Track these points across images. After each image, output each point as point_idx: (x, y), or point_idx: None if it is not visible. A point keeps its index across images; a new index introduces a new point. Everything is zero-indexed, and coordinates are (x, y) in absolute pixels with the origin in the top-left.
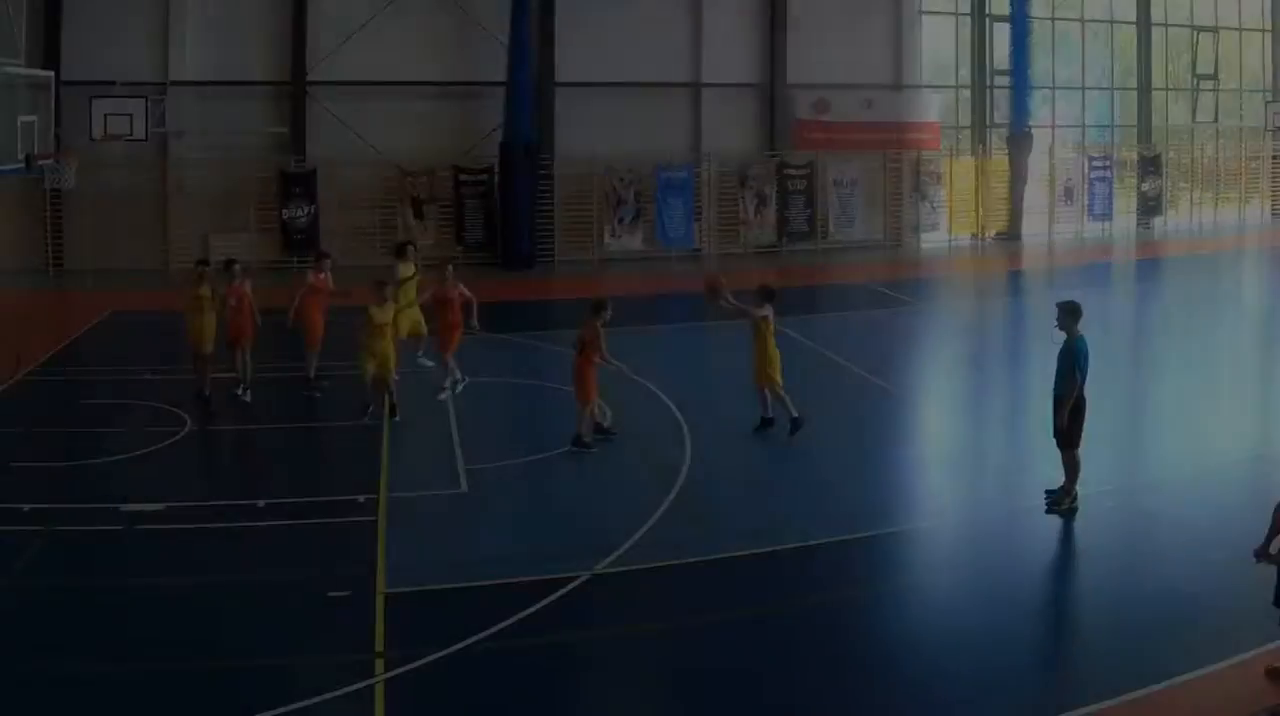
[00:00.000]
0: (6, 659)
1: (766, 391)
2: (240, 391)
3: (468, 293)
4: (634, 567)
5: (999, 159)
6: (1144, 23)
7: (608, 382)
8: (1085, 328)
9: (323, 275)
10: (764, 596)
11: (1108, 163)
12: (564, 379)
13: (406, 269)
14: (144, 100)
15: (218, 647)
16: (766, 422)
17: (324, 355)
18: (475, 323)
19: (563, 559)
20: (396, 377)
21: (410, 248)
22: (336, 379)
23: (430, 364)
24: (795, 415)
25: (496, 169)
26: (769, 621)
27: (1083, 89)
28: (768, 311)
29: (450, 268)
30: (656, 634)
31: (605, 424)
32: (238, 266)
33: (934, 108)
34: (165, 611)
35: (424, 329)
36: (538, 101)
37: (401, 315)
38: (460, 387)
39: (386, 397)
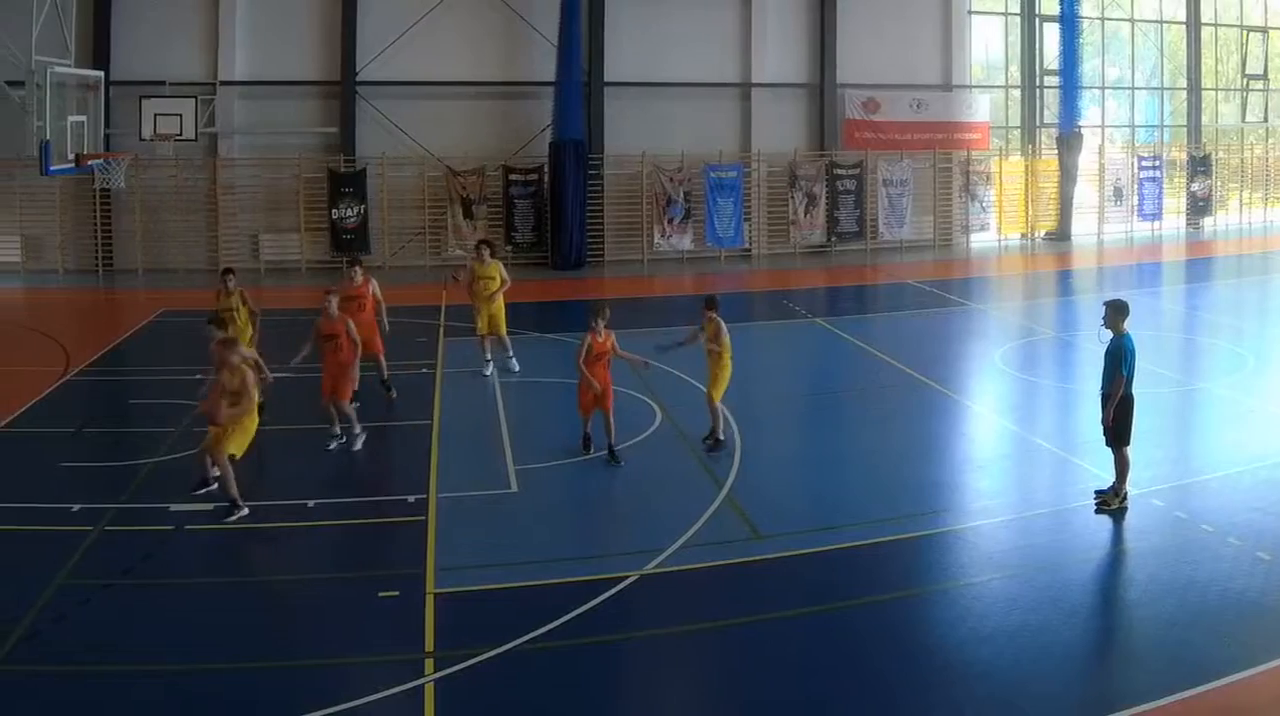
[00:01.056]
0: (58, 657)
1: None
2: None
3: (355, 333)
4: (684, 568)
5: (1048, 159)
6: (1194, 22)
7: (658, 382)
8: (1134, 326)
9: (357, 282)
10: (813, 596)
11: (1157, 163)
12: (614, 379)
13: (483, 268)
14: (193, 100)
15: (267, 647)
16: (717, 442)
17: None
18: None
19: (612, 559)
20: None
21: (485, 246)
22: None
23: (517, 368)
24: (721, 438)
25: (546, 169)
26: (818, 621)
27: (1132, 89)
28: (722, 331)
29: (331, 298)
30: (706, 634)
31: (587, 430)
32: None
33: (983, 108)
34: (215, 611)
35: (503, 329)
36: (587, 101)
37: (480, 312)
38: (360, 442)
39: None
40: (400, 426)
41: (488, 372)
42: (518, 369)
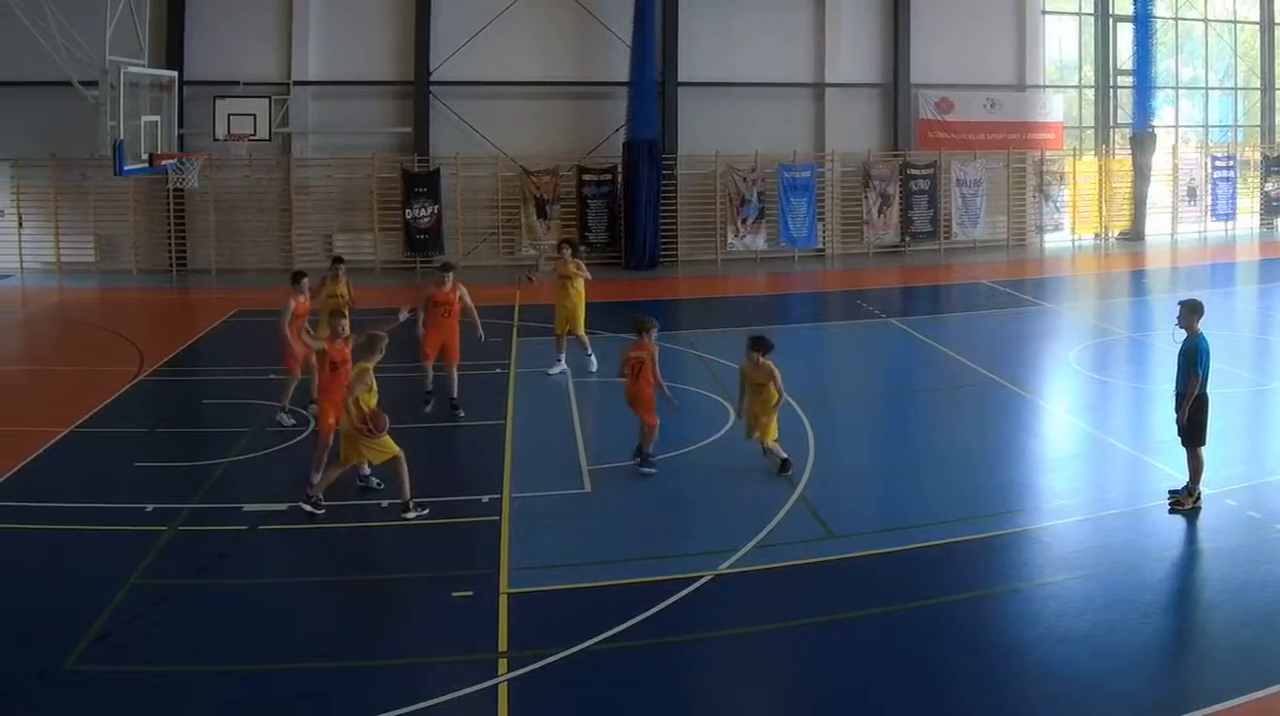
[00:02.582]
0: (131, 657)
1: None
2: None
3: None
4: (757, 568)
5: (1122, 159)
6: (1267, 22)
7: (733, 382)
8: (1208, 326)
9: (445, 288)
10: (886, 596)
11: (1231, 163)
12: (687, 378)
13: (563, 267)
14: (267, 100)
15: (341, 647)
16: (784, 465)
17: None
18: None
19: (686, 559)
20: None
21: (565, 245)
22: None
23: (595, 368)
24: (785, 457)
25: (620, 169)
26: (891, 621)
27: (1206, 89)
28: (761, 370)
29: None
30: (779, 634)
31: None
32: (305, 280)
33: (1057, 107)
34: (289, 611)
35: (580, 329)
36: (661, 101)
37: (562, 312)
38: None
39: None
40: (474, 426)
41: (553, 372)
42: (595, 368)
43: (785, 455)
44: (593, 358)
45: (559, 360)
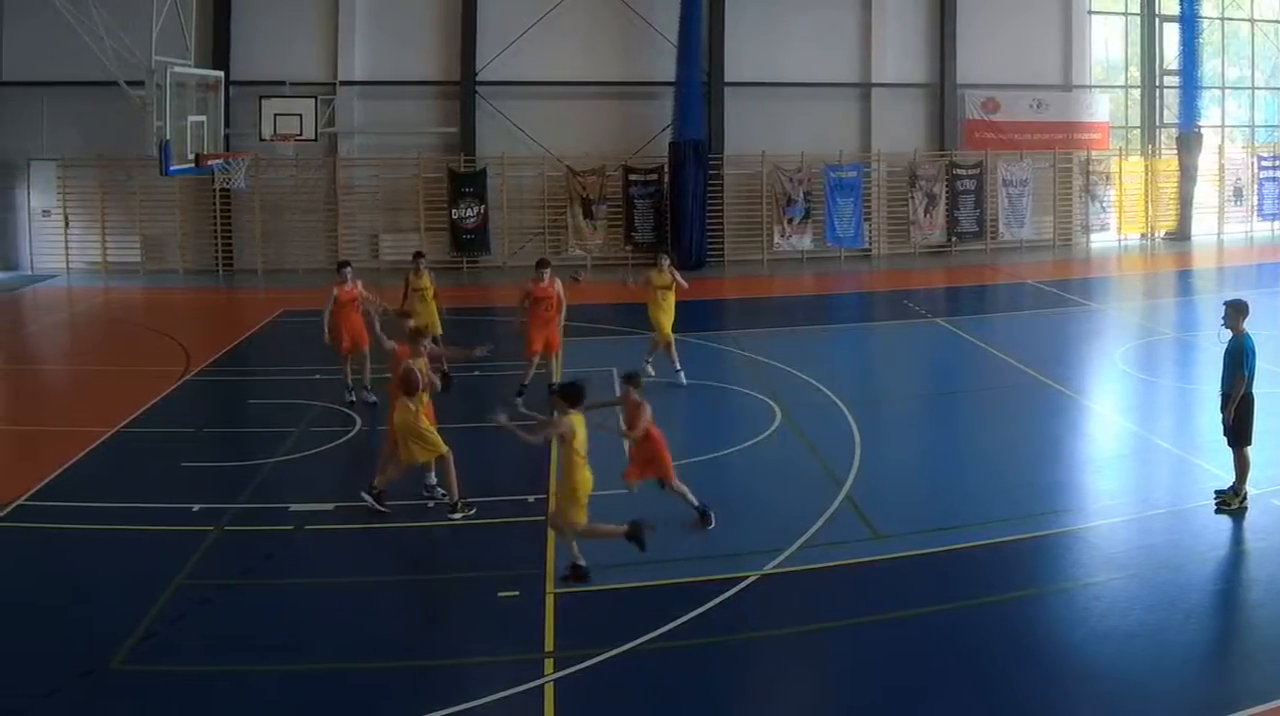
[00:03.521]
0: (180, 658)
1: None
2: (359, 395)
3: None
4: (804, 568)
5: (1168, 159)
6: None
7: (780, 382)
8: (1253, 326)
9: (543, 284)
10: (932, 597)
11: (1277, 162)
12: (735, 379)
13: (662, 277)
14: (313, 100)
15: (387, 647)
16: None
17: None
18: None
19: (732, 559)
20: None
21: (664, 255)
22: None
23: (653, 373)
24: (581, 562)
25: (666, 169)
26: (937, 621)
27: (1252, 89)
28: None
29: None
30: (825, 634)
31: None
32: (349, 269)
33: (1103, 108)
34: (335, 611)
35: (670, 335)
36: (707, 101)
37: (667, 322)
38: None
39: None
40: (519, 426)
41: (684, 382)
42: (653, 374)
43: (583, 561)
44: (650, 366)
45: (679, 369)
